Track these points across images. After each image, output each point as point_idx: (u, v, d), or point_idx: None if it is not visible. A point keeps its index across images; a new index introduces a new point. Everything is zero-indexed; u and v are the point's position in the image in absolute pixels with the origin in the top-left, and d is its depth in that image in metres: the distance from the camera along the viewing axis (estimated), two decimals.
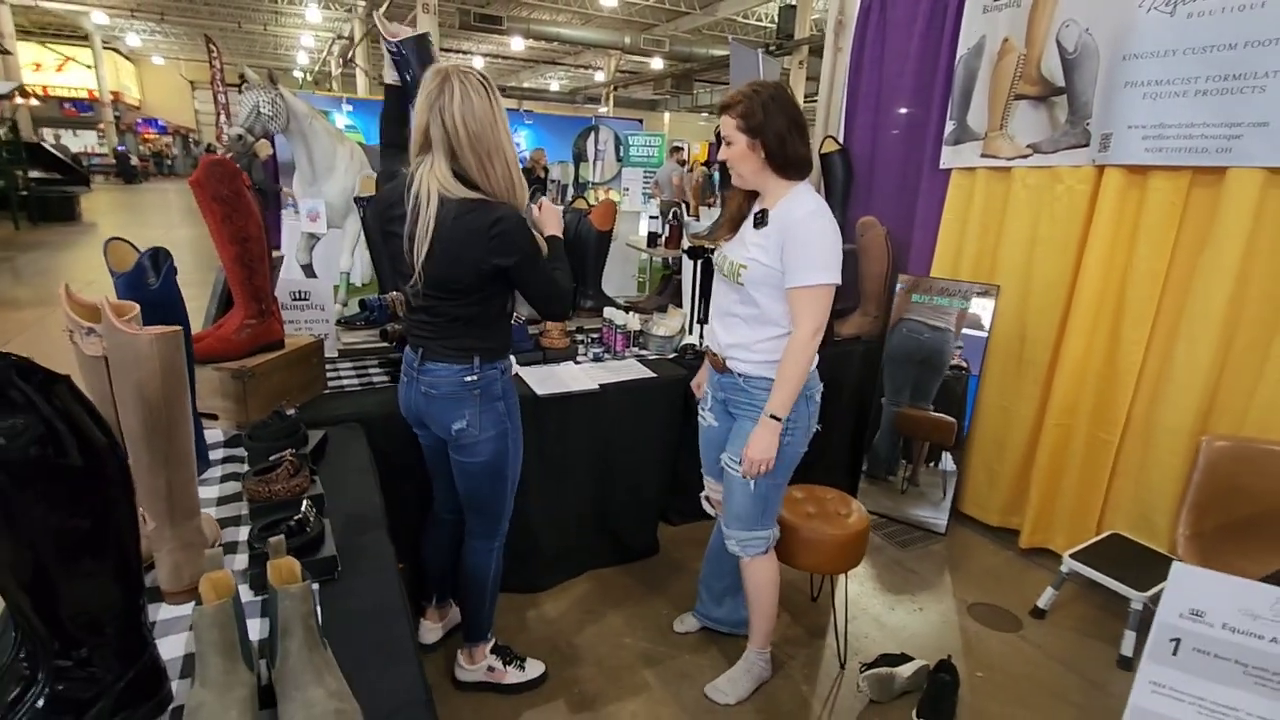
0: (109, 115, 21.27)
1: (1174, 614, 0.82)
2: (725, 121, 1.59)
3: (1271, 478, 1.60)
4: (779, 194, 1.61)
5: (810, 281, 1.55)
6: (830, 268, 1.55)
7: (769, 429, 1.61)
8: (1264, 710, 0.81)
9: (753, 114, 1.54)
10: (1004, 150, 2.66)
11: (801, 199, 1.58)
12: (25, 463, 0.72)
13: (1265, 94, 1.96)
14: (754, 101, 1.54)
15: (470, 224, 1.40)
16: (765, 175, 1.60)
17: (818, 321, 1.57)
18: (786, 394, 1.60)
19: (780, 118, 1.55)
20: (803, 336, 1.57)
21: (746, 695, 1.89)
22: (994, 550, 2.75)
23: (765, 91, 1.56)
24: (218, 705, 0.81)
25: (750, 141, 1.56)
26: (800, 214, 1.55)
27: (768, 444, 1.61)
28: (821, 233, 1.55)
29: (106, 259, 1.40)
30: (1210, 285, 2.15)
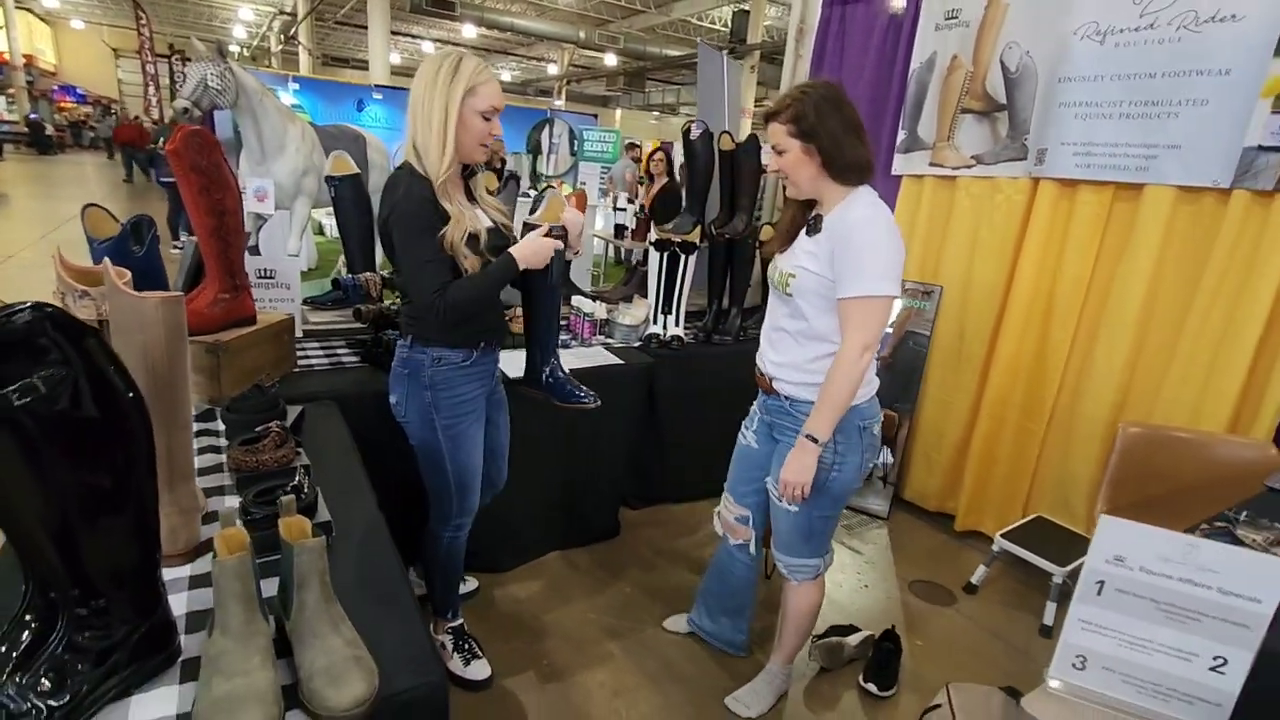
0: (20, 80, 19.77)
1: (1100, 560, 0.96)
2: (775, 129, 1.47)
3: (1179, 460, 1.81)
4: (836, 200, 1.48)
5: (861, 292, 1.40)
6: (887, 277, 1.40)
7: (806, 451, 1.49)
8: (1171, 640, 0.95)
9: (804, 117, 1.41)
10: (950, 160, 2.86)
11: (860, 204, 1.46)
12: (56, 415, 0.74)
13: (1179, 119, 2.19)
14: (805, 103, 1.42)
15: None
16: (822, 182, 1.47)
17: (869, 336, 1.42)
18: (828, 415, 1.46)
19: (834, 118, 1.42)
20: (850, 352, 1.42)
21: (768, 709, 1.84)
22: (932, 533, 2.95)
23: (816, 91, 1.44)
24: (240, 652, 0.84)
25: (804, 147, 1.43)
26: (855, 217, 1.43)
27: (803, 466, 1.50)
28: (876, 239, 1.41)
29: (84, 225, 1.37)
30: (1127, 290, 2.38)
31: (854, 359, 1.43)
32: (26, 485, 0.75)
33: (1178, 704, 0.97)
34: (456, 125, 1.47)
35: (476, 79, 1.47)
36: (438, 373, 1.60)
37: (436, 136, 1.46)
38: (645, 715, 1.82)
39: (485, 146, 1.55)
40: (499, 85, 1.53)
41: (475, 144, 1.52)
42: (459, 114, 1.46)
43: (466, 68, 1.46)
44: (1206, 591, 0.91)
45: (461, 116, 1.47)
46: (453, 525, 1.76)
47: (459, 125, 1.47)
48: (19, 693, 0.78)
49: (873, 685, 1.97)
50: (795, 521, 1.64)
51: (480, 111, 1.49)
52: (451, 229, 1.46)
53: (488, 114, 1.51)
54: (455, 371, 1.61)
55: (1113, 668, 0.99)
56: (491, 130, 1.53)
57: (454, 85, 1.45)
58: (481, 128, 1.51)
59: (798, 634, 1.83)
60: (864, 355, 1.43)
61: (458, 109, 1.46)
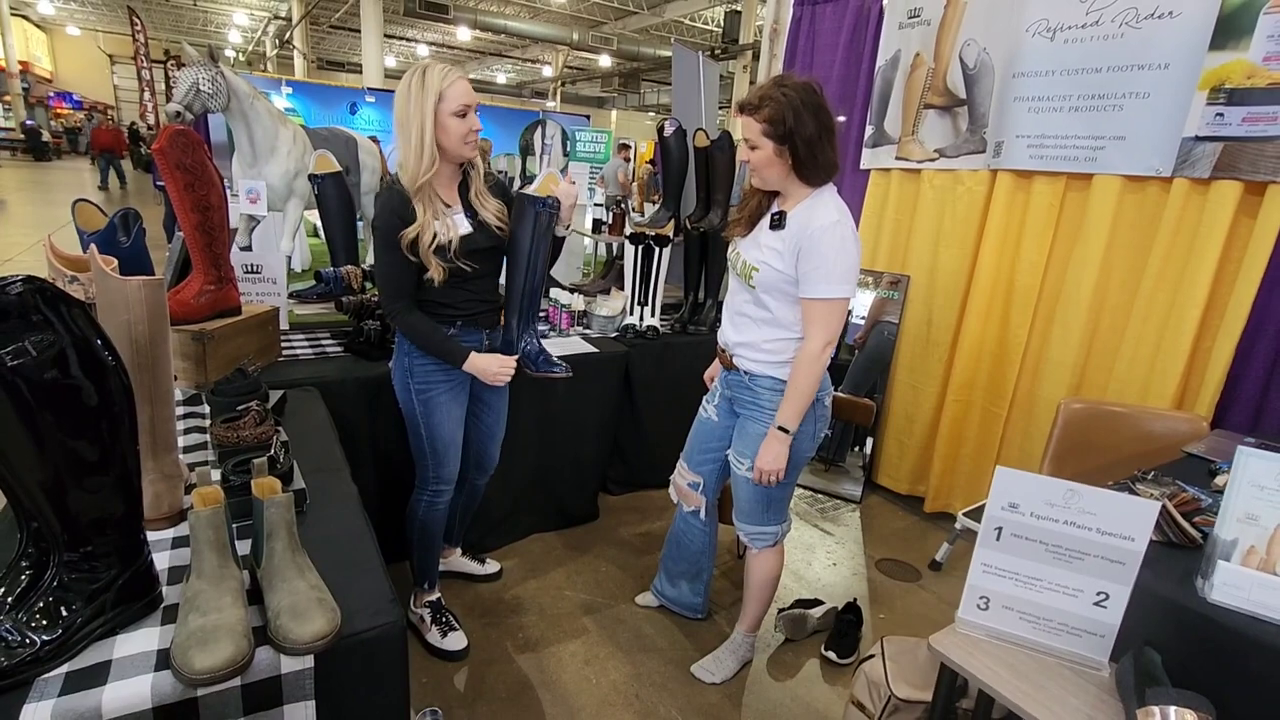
0: (16, 87, 19.87)
1: (997, 507, 1.05)
2: (749, 124, 1.49)
3: (1116, 433, 1.90)
4: (800, 197, 1.55)
5: (826, 295, 1.50)
6: (848, 280, 1.51)
7: (778, 440, 1.59)
8: (1059, 578, 1.04)
9: (782, 120, 1.45)
10: (915, 154, 2.96)
11: (824, 206, 1.52)
12: (46, 379, 0.83)
13: (1123, 111, 2.29)
14: (784, 106, 1.44)
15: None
16: (790, 181, 1.54)
17: (831, 334, 1.54)
18: (796, 407, 1.56)
19: (811, 123, 1.45)
20: (814, 349, 1.54)
21: (731, 675, 1.93)
22: (902, 515, 3.04)
23: (794, 95, 1.46)
24: (213, 592, 0.94)
25: (778, 148, 1.48)
26: (822, 223, 1.49)
27: (776, 454, 1.60)
28: (842, 244, 1.48)
29: (74, 219, 1.47)
30: (1080, 276, 2.48)
31: (817, 354, 1.55)
32: (21, 442, 0.84)
33: (1067, 637, 1.06)
34: (435, 131, 1.56)
35: (443, 84, 1.55)
36: (419, 354, 1.74)
37: (415, 148, 1.56)
38: (615, 682, 1.92)
39: (470, 143, 1.62)
40: (466, 83, 1.61)
41: (459, 143, 1.60)
42: (434, 120, 1.56)
43: (433, 76, 1.55)
44: (1087, 533, 1.01)
45: (439, 121, 1.56)
46: (429, 490, 1.87)
47: (438, 130, 1.57)
48: (15, 628, 0.88)
49: (833, 654, 2.07)
50: (755, 492, 1.75)
51: (453, 112, 1.57)
52: (414, 231, 1.57)
53: (461, 112, 1.58)
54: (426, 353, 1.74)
55: (1011, 606, 1.09)
56: (471, 125, 1.60)
57: (425, 96, 1.54)
58: (460, 127, 1.59)
59: (760, 601, 1.93)
60: (826, 351, 1.55)
61: (433, 117, 1.55)
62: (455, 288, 1.70)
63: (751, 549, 1.86)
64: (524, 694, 1.84)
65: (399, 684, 1.09)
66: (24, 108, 20.11)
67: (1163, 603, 1.03)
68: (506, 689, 1.85)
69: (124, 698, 0.85)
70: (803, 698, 1.93)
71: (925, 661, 1.34)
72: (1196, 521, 1.16)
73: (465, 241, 1.64)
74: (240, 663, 0.88)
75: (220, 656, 0.86)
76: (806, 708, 1.89)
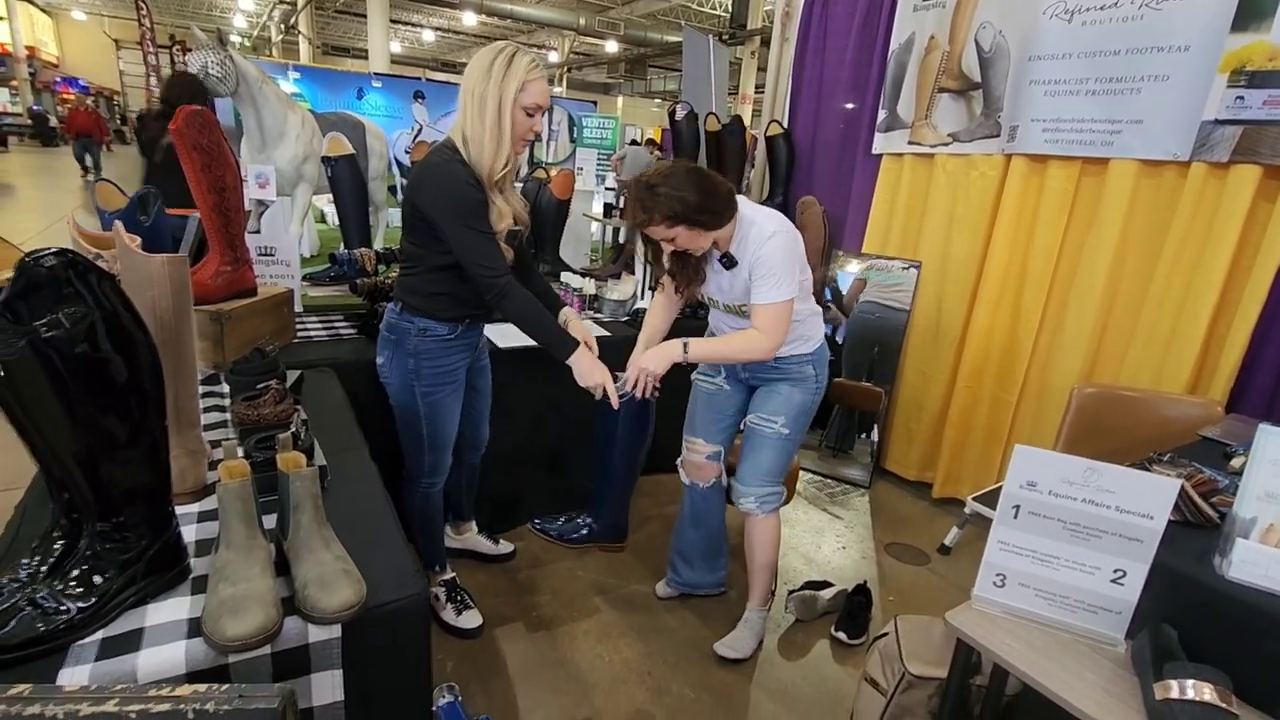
0: (23, 72, 19.87)
1: (1015, 486, 1.06)
2: (656, 231, 1.62)
3: (1128, 417, 1.90)
4: (727, 235, 1.68)
5: (775, 299, 1.63)
6: (790, 283, 1.64)
7: (673, 350, 1.71)
8: (1077, 555, 1.05)
9: (673, 213, 1.56)
10: (928, 138, 2.94)
11: (755, 225, 1.65)
12: (78, 351, 0.84)
13: (1141, 95, 2.27)
14: (665, 203, 1.56)
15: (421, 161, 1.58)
16: (708, 235, 1.66)
17: (781, 336, 1.68)
18: (710, 354, 1.77)
19: (690, 192, 1.56)
20: (757, 341, 1.67)
21: (752, 651, 1.97)
22: (910, 500, 3.05)
23: (664, 184, 1.57)
24: (243, 562, 0.96)
25: (687, 228, 1.60)
26: (761, 237, 1.63)
27: (665, 357, 1.70)
28: (785, 251, 1.63)
29: (94, 198, 1.48)
30: (1094, 262, 2.46)
31: (760, 347, 1.68)
32: (55, 414, 0.86)
33: (1084, 614, 1.07)
34: (509, 120, 1.51)
35: (528, 75, 1.50)
36: (422, 343, 1.68)
37: (490, 131, 1.50)
38: (627, 660, 1.94)
39: (525, 140, 1.58)
40: (546, 83, 1.57)
41: (518, 139, 1.57)
42: (511, 107, 1.50)
43: (520, 63, 1.50)
44: (1106, 511, 1.01)
45: (511, 111, 1.51)
46: (424, 482, 1.86)
47: (510, 120, 1.51)
48: (51, 595, 0.89)
49: (843, 634, 2.09)
50: (782, 447, 1.85)
51: (525, 107, 1.53)
52: (498, 223, 1.56)
53: (531, 110, 1.54)
54: (439, 344, 1.70)
55: (1027, 583, 1.09)
56: (533, 126, 1.56)
57: (507, 80, 1.49)
58: (525, 123, 1.55)
59: (768, 569, 1.97)
60: (770, 353, 1.70)
61: (511, 104, 1.50)
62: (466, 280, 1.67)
63: (756, 514, 1.88)
64: (538, 671, 1.86)
65: (422, 655, 1.11)
66: (31, 93, 20.11)
67: (1180, 580, 1.03)
68: (521, 666, 1.87)
69: (158, 663, 0.87)
70: (814, 676, 1.95)
71: (939, 639, 1.35)
72: (1214, 502, 1.16)
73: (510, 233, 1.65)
74: (271, 630, 0.90)
75: (251, 624, 0.88)
76: (818, 686, 1.91)
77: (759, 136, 3.81)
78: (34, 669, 0.84)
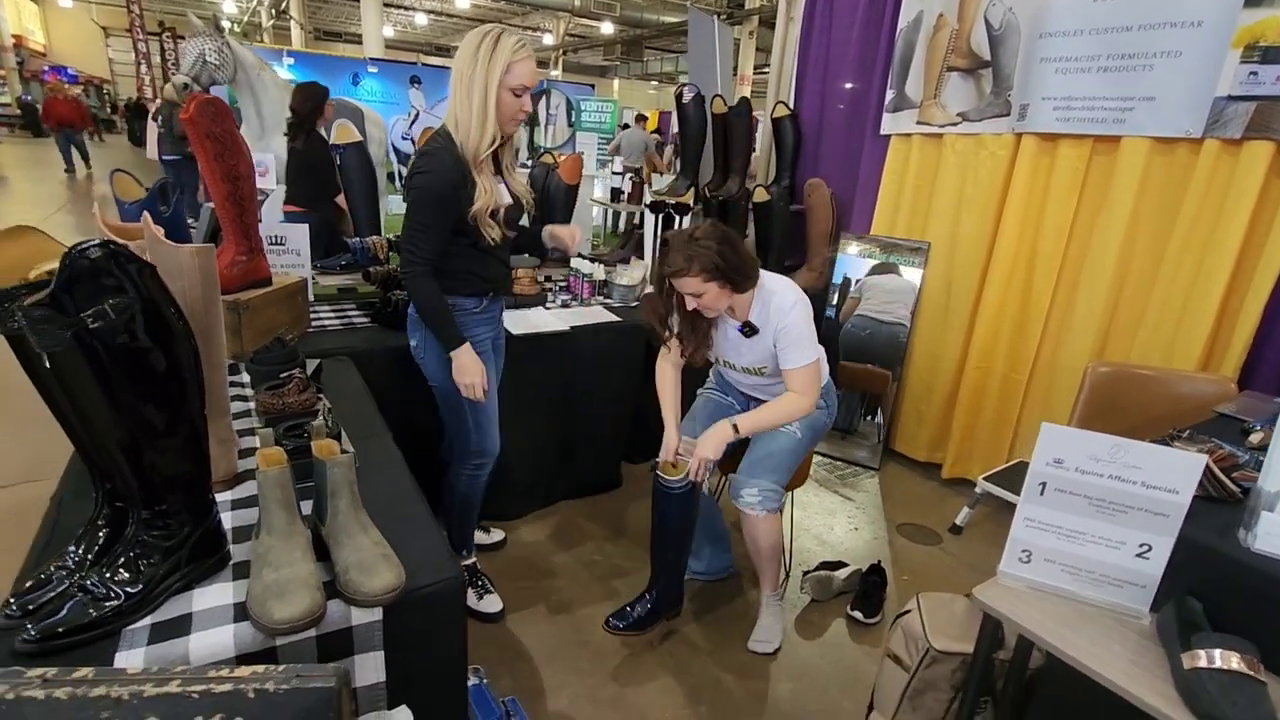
0: (11, 61, 19.60)
1: (1042, 463, 1.07)
2: (690, 282, 1.68)
3: (1142, 395, 1.92)
4: (746, 303, 1.80)
5: (805, 362, 1.78)
6: (812, 345, 1.78)
7: (725, 433, 1.78)
8: (1102, 530, 1.07)
9: (715, 267, 1.65)
10: (937, 118, 2.92)
11: (776, 295, 1.78)
12: (120, 342, 0.85)
13: (1154, 71, 2.26)
14: (710, 256, 1.65)
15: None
16: (730, 298, 1.75)
17: (814, 391, 1.81)
18: (759, 424, 1.81)
19: (731, 254, 1.67)
20: (804, 405, 1.80)
21: (781, 637, 2.01)
22: (920, 481, 3.08)
23: (710, 239, 1.67)
24: (284, 547, 0.97)
25: (720, 286, 1.69)
26: (782, 307, 1.77)
27: (719, 443, 1.78)
28: (805, 318, 1.77)
29: (112, 188, 1.48)
30: (1105, 240, 2.47)
31: (801, 407, 1.80)
32: (100, 404, 0.87)
33: (1109, 588, 1.09)
34: (495, 101, 1.53)
35: (513, 56, 1.52)
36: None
37: (477, 114, 1.53)
38: (648, 641, 1.97)
39: (516, 121, 1.60)
40: (534, 64, 1.58)
41: (508, 119, 1.59)
42: (497, 90, 1.52)
43: (505, 44, 1.51)
44: (1132, 486, 1.03)
45: (499, 93, 1.53)
46: (472, 464, 1.89)
47: (496, 102, 1.53)
48: (100, 582, 0.91)
49: (859, 613, 2.12)
50: (793, 447, 1.88)
51: (511, 88, 1.55)
52: (480, 202, 1.57)
53: (518, 91, 1.56)
54: (467, 317, 1.74)
55: (1053, 559, 1.11)
56: (523, 107, 1.59)
57: (493, 62, 1.51)
58: (513, 104, 1.57)
59: (776, 562, 1.99)
60: (807, 405, 1.81)
61: (497, 86, 1.52)
62: (484, 256, 1.72)
63: (757, 513, 1.84)
64: (561, 653, 1.89)
65: (459, 636, 1.12)
66: (19, 83, 19.85)
67: (1204, 553, 1.05)
68: (544, 648, 1.90)
69: (208, 646, 0.89)
70: (831, 655, 1.98)
71: (962, 615, 1.37)
72: (1235, 477, 1.18)
73: (509, 209, 1.67)
74: (316, 613, 0.92)
75: (298, 608, 0.90)
76: (836, 664, 1.94)
77: (761, 118, 3.79)
78: (88, 654, 0.85)
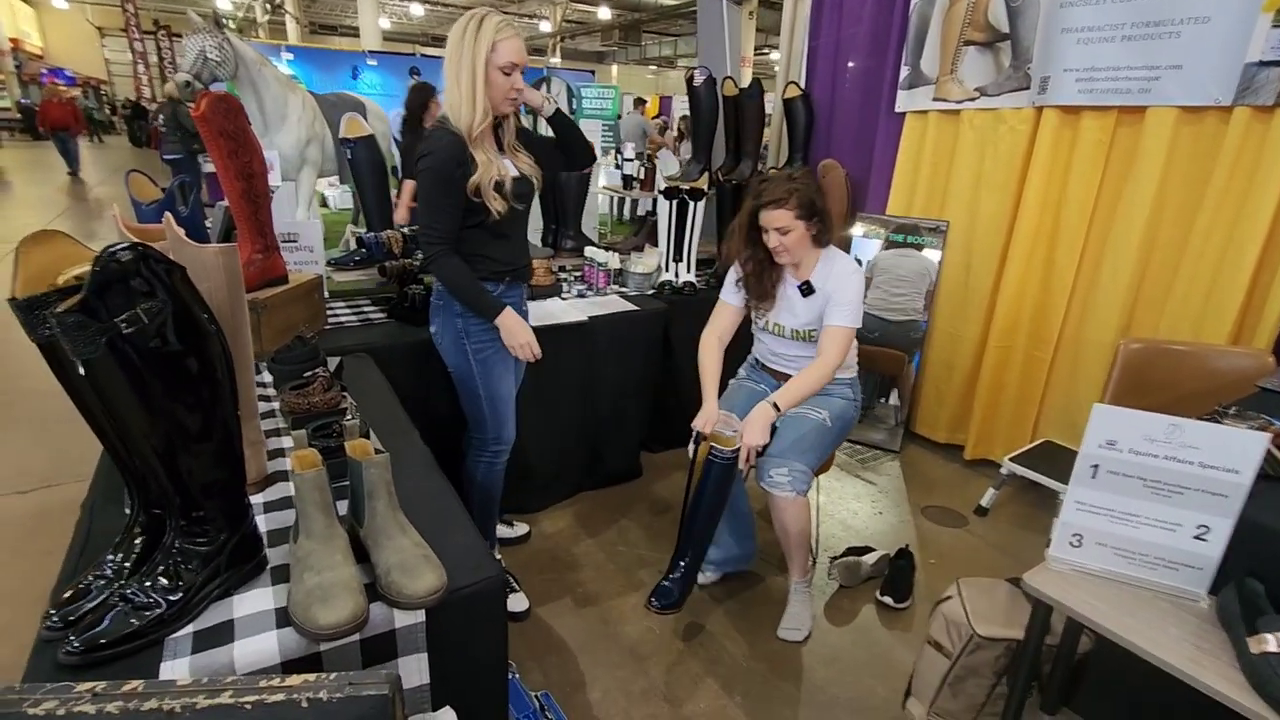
0: (9, 65, 19.54)
1: (1094, 445, 1.04)
2: (781, 215, 1.76)
3: (1176, 371, 1.88)
4: (813, 262, 1.87)
5: (844, 323, 1.81)
6: (858, 315, 1.82)
7: (767, 415, 1.77)
8: (1158, 513, 1.04)
9: (810, 203, 1.77)
10: (954, 94, 2.86)
11: (840, 261, 1.86)
12: (151, 347, 0.83)
13: (1180, 39, 2.20)
14: (806, 191, 1.77)
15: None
16: (807, 250, 1.85)
17: (841, 357, 1.83)
18: (795, 397, 1.82)
19: (821, 199, 1.79)
20: (828, 366, 1.81)
21: (811, 624, 1.98)
22: (942, 463, 3.05)
23: (809, 181, 1.81)
24: (324, 551, 0.95)
25: (808, 225, 1.79)
26: (845, 271, 1.83)
27: (764, 426, 1.77)
28: (857, 285, 1.82)
29: (128, 189, 1.45)
30: (1131, 213, 2.42)
31: (829, 371, 1.82)
32: (135, 409, 0.85)
33: (1164, 571, 1.06)
34: (485, 81, 1.54)
35: (496, 35, 1.53)
36: None
37: (465, 95, 1.55)
38: (678, 632, 1.96)
39: (510, 99, 1.60)
40: (520, 42, 1.58)
41: (501, 98, 1.59)
42: (485, 71, 1.53)
43: (489, 25, 1.53)
44: (1189, 467, 1.00)
45: (487, 73, 1.54)
46: (489, 452, 1.88)
47: (485, 82, 1.54)
48: (140, 590, 0.89)
49: (889, 598, 2.10)
50: (822, 433, 1.88)
51: (499, 67, 1.55)
52: (480, 174, 1.56)
53: (507, 69, 1.56)
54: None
55: (1105, 542, 1.09)
56: (514, 84, 1.58)
57: (478, 44, 1.52)
58: (503, 83, 1.57)
59: (804, 548, 1.96)
60: (833, 371, 1.84)
61: (483, 67, 1.53)
62: (500, 240, 1.72)
63: (786, 493, 1.80)
64: (591, 646, 1.88)
65: (499, 635, 1.11)
66: (18, 86, 19.80)
67: (1265, 534, 1.02)
68: (573, 642, 1.89)
69: (253, 653, 0.87)
70: (863, 641, 1.96)
71: (1005, 600, 1.35)
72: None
73: (515, 184, 1.66)
74: (360, 618, 0.90)
75: (343, 613, 0.88)
76: (868, 651, 1.92)
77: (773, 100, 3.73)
78: (132, 664, 0.84)
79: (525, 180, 1.72)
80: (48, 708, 0.63)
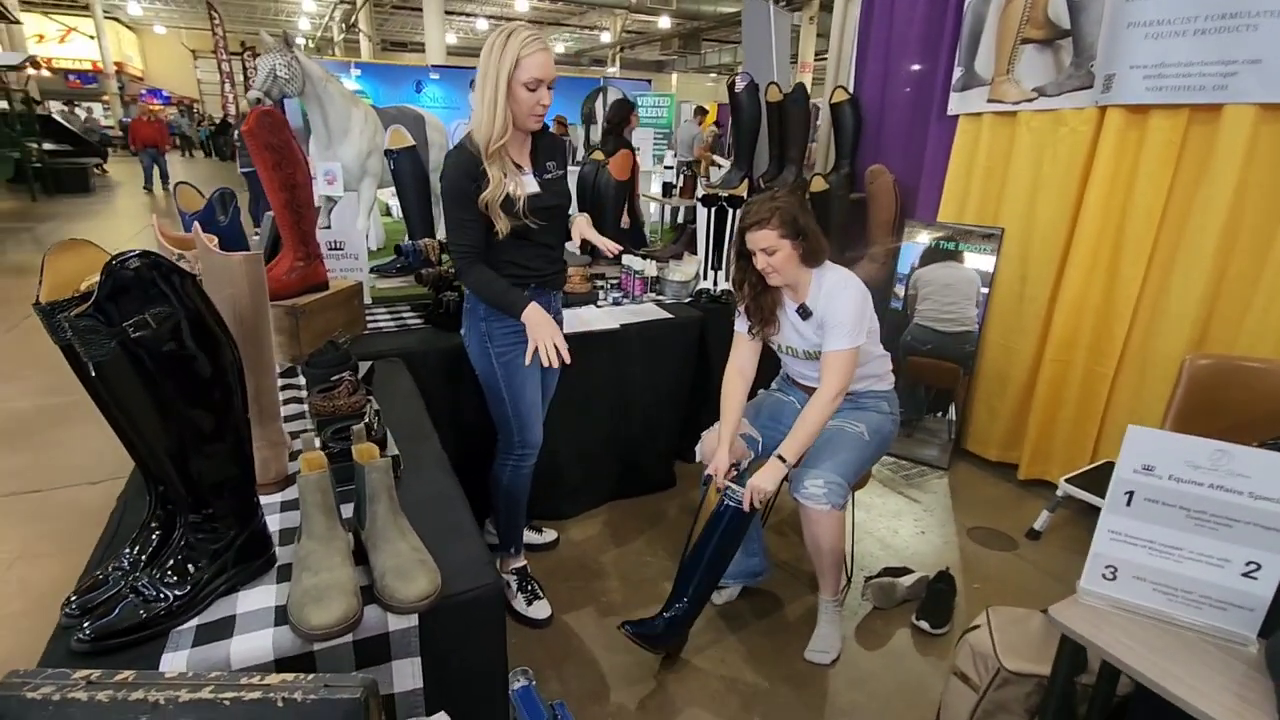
0: (113, 86, 21.21)
1: (1128, 470, 0.96)
2: (765, 235, 1.71)
3: (1249, 390, 1.72)
4: (806, 283, 1.80)
5: (842, 346, 1.73)
6: (857, 333, 1.74)
7: (776, 470, 1.72)
8: (1202, 546, 0.95)
9: (793, 220, 1.70)
10: (1010, 95, 2.73)
11: (830, 276, 1.79)
12: (165, 351, 0.86)
13: (1258, 32, 2.03)
14: (788, 210, 1.71)
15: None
16: (799, 270, 1.77)
17: (845, 382, 1.75)
18: (803, 444, 1.74)
19: (808, 219, 1.73)
20: (828, 395, 1.74)
21: (840, 646, 1.91)
22: (993, 482, 2.90)
23: (791, 200, 1.74)
24: (324, 552, 0.97)
25: (794, 244, 1.73)
26: (829, 290, 1.77)
27: (773, 479, 1.72)
28: (850, 302, 1.74)
29: (175, 200, 1.53)
30: (1205, 220, 2.24)
31: (830, 400, 1.75)
32: (148, 410, 0.89)
33: (1210, 610, 0.97)
34: (507, 96, 1.55)
35: (522, 50, 1.53)
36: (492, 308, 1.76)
37: (488, 107, 1.57)
38: (699, 648, 1.92)
39: (536, 115, 1.61)
40: (547, 56, 1.57)
41: (525, 114, 1.60)
42: (508, 86, 1.55)
43: (515, 41, 1.53)
44: (1238, 497, 0.91)
45: (511, 88, 1.55)
46: (515, 455, 1.90)
47: (509, 97, 1.55)
48: (151, 583, 0.93)
49: (925, 623, 2.00)
50: (861, 448, 1.84)
51: (524, 83, 1.55)
52: (489, 190, 1.59)
53: (531, 85, 1.56)
54: None
55: (1144, 577, 1.00)
56: (539, 100, 1.58)
57: (503, 58, 1.53)
58: (528, 99, 1.57)
59: (837, 565, 1.89)
60: (838, 398, 1.75)
61: (507, 81, 1.54)
62: (525, 247, 1.73)
63: (821, 506, 1.73)
64: (610, 657, 1.86)
65: (498, 643, 1.11)
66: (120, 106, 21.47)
67: None
68: (593, 651, 1.88)
69: (249, 649, 0.90)
70: (895, 667, 1.87)
71: (1037, 633, 1.26)
72: None
73: (532, 200, 1.67)
74: (351, 620, 0.91)
75: (334, 614, 0.89)
76: (899, 678, 1.83)
77: (821, 105, 3.65)
78: (137, 654, 0.88)
79: (553, 190, 1.73)
80: (45, 692, 0.66)
